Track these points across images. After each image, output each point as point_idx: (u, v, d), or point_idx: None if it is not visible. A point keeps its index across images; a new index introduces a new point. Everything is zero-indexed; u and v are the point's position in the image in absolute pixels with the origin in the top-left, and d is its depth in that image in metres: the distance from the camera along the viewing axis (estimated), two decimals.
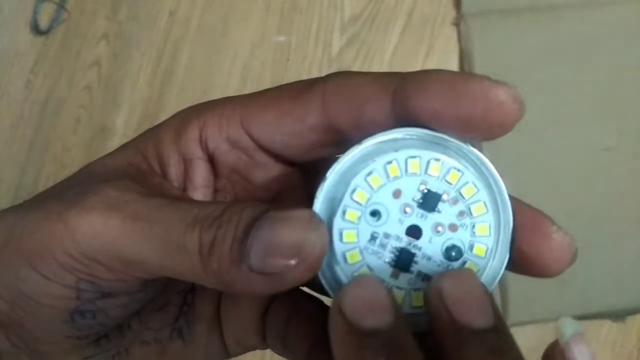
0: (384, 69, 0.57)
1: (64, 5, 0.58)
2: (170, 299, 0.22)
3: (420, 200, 0.18)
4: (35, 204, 0.19)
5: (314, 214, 0.17)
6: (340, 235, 0.18)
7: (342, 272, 0.18)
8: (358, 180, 0.18)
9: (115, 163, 0.20)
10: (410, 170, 0.18)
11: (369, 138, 0.18)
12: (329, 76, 0.19)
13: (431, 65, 0.57)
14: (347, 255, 0.18)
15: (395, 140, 0.18)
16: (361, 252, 0.18)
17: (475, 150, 0.18)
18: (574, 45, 0.56)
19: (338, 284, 0.18)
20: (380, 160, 0.18)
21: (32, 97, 0.58)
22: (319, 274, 0.18)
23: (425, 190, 0.18)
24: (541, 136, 0.54)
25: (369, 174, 0.18)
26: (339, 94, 0.18)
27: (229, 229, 0.17)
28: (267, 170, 0.21)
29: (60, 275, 0.18)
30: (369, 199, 0.18)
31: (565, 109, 0.55)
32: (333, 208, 0.18)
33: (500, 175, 0.18)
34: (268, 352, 0.22)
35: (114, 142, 0.57)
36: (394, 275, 0.18)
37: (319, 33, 0.57)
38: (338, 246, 0.18)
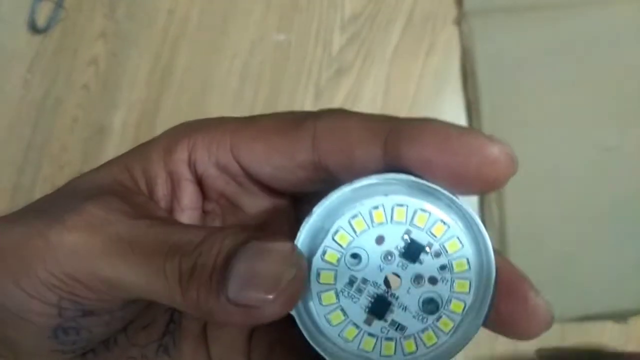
0: (385, 68, 0.56)
1: (62, 3, 0.58)
2: (157, 316, 0.22)
3: (403, 250, 0.18)
4: (20, 218, 0.19)
5: (295, 248, 0.17)
6: (318, 275, 0.18)
7: (315, 311, 0.18)
8: (342, 222, 0.18)
9: (101, 179, 0.20)
10: (395, 218, 0.18)
11: (361, 179, 0.18)
12: (320, 114, 0.19)
13: (433, 63, 0.56)
14: (323, 295, 0.18)
15: (386, 184, 0.18)
16: (337, 295, 0.18)
17: (465, 205, 0.18)
18: (577, 44, 0.55)
19: (311, 321, 0.18)
20: (367, 204, 0.18)
21: (29, 96, 0.58)
22: (293, 309, 0.17)
23: (409, 240, 0.18)
24: (542, 135, 0.54)
25: (354, 216, 0.18)
26: (329, 136, 0.18)
27: (209, 258, 0.16)
28: (256, 198, 0.21)
29: (42, 292, 0.18)
30: (350, 242, 0.18)
31: (567, 108, 0.55)
32: (315, 245, 0.18)
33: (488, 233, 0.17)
34: None
35: (112, 142, 0.56)
36: (368, 322, 0.18)
37: (319, 32, 0.57)
38: (314, 286, 0.18)
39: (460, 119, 0.56)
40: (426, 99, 0.56)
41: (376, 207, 0.18)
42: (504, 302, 0.17)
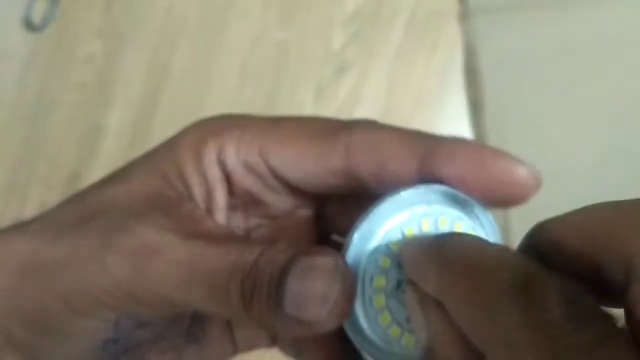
0: (387, 66, 0.56)
1: (58, 2, 0.58)
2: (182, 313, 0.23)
3: None
4: (59, 236, 0.19)
5: (339, 262, 0.18)
6: (372, 279, 0.19)
7: (363, 314, 0.19)
8: (395, 229, 0.19)
9: (140, 191, 0.21)
10: (439, 226, 0.19)
11: (409, 188, 0.19)
12: (353, 125, 0.20)
13: (436, 61, 0.56)
14: (374, 298, 0.19)
15: (427, 194, 0.19)
16: (386, 297, 0.19)
17: (490, 216, 0.20)
18: (581, 42, 0.55)
19: (355, 325, 0.19)
20: (417, 213, 0.19)
21: (24, 95, 0.57)
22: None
23: None
24: (548, 134, 0.54)
25: (406, 224, 0.19)
26: (365, 148, 0.20)
27: (265, 277, 0.18)
28: (280, 196, 0.22)
29: (97, 311, 0.19)
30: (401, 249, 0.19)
31: (570, 107, 0.55)
32: (366, 250, 0.19)
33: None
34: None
35: (108, 141, 0.56)
36: (409, 320, 0.19)
37: (320, 28, 0.57)
38: (367, 290, 0.19)
39: (463, 117, 0.56)
40: (429, 96, 0.56)
41: (424, 216, 0.19)
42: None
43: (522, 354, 0.13)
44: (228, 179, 0.21)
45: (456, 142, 0.19)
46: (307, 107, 0.56)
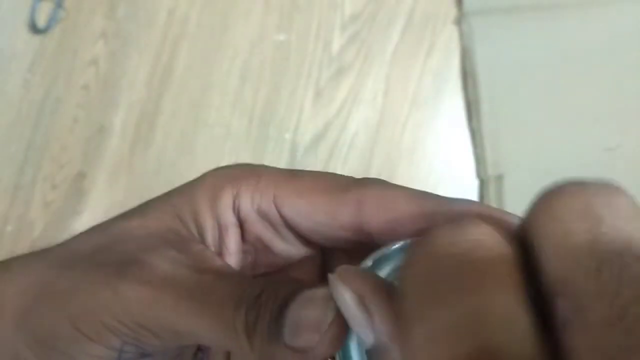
0: (385, 68, 0.56)
1: (62, 4, 0.58)
2: (186, 346, 0.23)
3: None
4: (75, 265, 0.20)
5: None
6: None
7: (357, 350, 0.19)
8: (397, 270, 0.19)
9: (154, 227, 0.21)
10: None
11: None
12: (365, 182, 0.21)
13: (432, 63, 0.56)
14: None
15: None
16: None
17: None
18: (577, 44, 0.56)
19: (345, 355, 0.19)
20: None
21: (29, 96, 0.58)
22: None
23: None
24: (543, 136, 0.54)
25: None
26: (376, 205, 0.20)
27: (267, 309, 0.18)
28: (289, 245, 0.23)
29: (104, 337, 0.19)
30: None
31: (567, 109, 0.55)
32: None
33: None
34: None
35: (112, 142, 0.56)
36: None
37: (319, 31, 0.57)
38: None
39: (460, 119, 0.56)
40: (426, 98, 0.56)
41: None
42: None
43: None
44: (241, 225, 0.22)
45: (466, 203, 0.19)
46: (307, 108, 0.56)
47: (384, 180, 0.21)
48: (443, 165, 0.55)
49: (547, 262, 0.14)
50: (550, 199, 0.14)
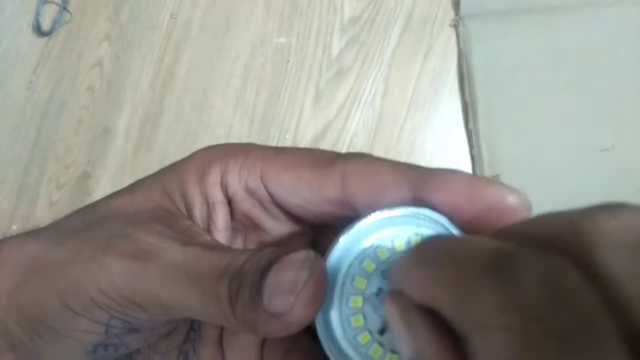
0: (384, 70, 0.57)
1: (66, 6, 0.58)
2: (178, 324, 0.23)
3: None
4: (63, 240, 0.20)
5: (310, 254, 0.18)
6: (353, 279, 0.19)
7: (338, 317, 0.19)
8: (386, 239, 0.19)
9: (142, 204, 0.21)
10: None
11: (402, 207, 0.19)
12: (349, 156, 0.21)
13: (430, 66, 0.57)
14: (352, 298, 0.19)
15: (417, 217, 0.19)
16: (363, 300, 0.19)
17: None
18: (573, 46, 0.56)
19: (329, 332, 0.19)
20: (409, 230, 0.19)
21: (34, 98, 0.58)
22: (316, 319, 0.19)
23: None
24: (539, 137, 0.54)
25: (397, 237, 0.19)
26: (360, 177, 0.20)
27: (249, 276, 0.18)
28: (278, 222, 0.22)
29: (92, 311, 0.19)
30: (388, 258, 0.19)
31: (563, 110, 0.55)
32: (353, 254, 0.19)
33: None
34: None
35: (117, 143, 0.57)
36: (381, 332, 0.19)
37: (319, 34, 0.57)
38: (348, 288, 0.19)
39: (457, 120, 0.56)
40: (424, 100, 0.56)
41: (416, 235, 0.19)
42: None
43: (498, 338, 0.12)
44: (230, 202, 0.22)
45: (448, 171, 0.19)
46: (307, 110, 0.56)
47: (369, 154, 0.21)
48: (440, 166, 0.55)
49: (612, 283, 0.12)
50: (606, 217, 0.13)
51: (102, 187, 0.56)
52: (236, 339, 0.22)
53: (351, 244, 0.19)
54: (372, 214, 0.19)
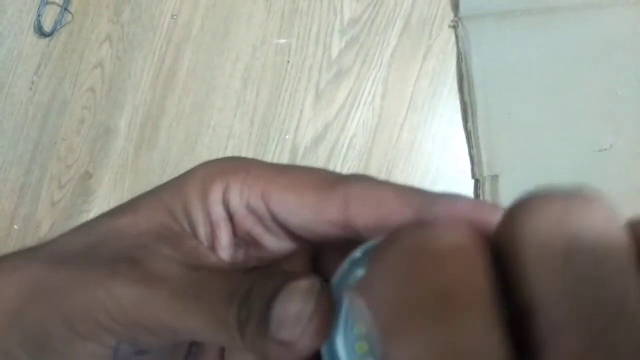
0: (383, 71, 0.57)
1: (68, 7, 0.59)
2: (180, 341, 0.23)
3: None
4: (68, 264, 0.20)
5: (315, 284, 0.18)
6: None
7: (343, 343, 0.18)
8: None
9: (147, 224, 0.21)
10: None
11: None
12: (352, 178, 0.20)
13: (429, 67, 0.57)
14: (357, 324, 0.19)
15: None
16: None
17: None
18: (571, 47, 0.56)
19: (333, 353, 0.18)
20: None
21: (36, 98, 0.58)
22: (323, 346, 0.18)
23: None
24: (537, 137, 0.55)
25: None
26: (363, 201, 0.20)
27: (256, 304, 0.18)
28: (278, 240, 0.22)
29: (99, 335, 0.19)
30: None
31: (561, 111, 0.55)
32: (356, 279, 0.19)
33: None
34: None
35: (118, 143, 0.57)
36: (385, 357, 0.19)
37: (319, 35, 0.57)
38: (351, 314, 0.19)
39: (456, 121, 0.56)
40: (423, 101, 0.57)
41: None
42: None
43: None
44: (231, 219, 0.22)
45: (452, 196, 0.19)
46: (307, 110, 0.56)
47: (372, 177, 0.21)
48: (439, 166, 0.56)
49: (523, 277, 0.13)
50: (524, 210, 0.14)
51: (104, 187, 0.56)
52: (239, 355, 0.22)
53: (355, 268, 0.19)
54: (378, 238, 0.18)
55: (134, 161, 0.57)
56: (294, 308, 0.17)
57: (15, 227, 0.56)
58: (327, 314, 0.18)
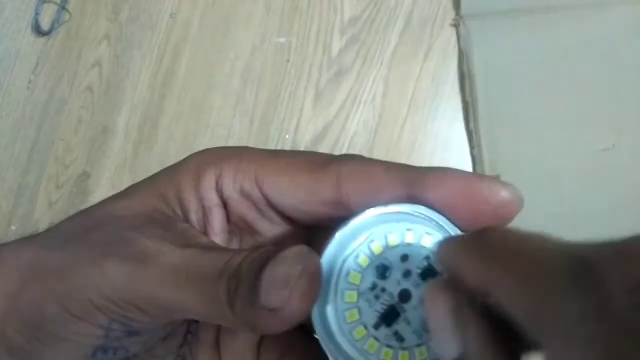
0: (384, 70, 0.57)
1: (65, 6, 0.59)
2: (176, 328, 0.23)
3: (420, 271, 0.20)
4: (63, 246, 0.20)
5: (303, 249, 0.18)
6: (347, 274, 0.20)
7: (334, 311, 0.19)
8: (379, 234, 0.20)
9: (139, 208, 0.21)
10: (422, 243, 0.20)
11: (396, 204, 0.19)
12: (343, 158, 0.21)
13: (430, 65, 0.57)
14: (347, 293, 0.20)
15: (413, 214, 0.19)
16: (358, 295, 0.20)
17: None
18: (573, 46, 0.56)
19: (325, 327, 0.19)
20: (403, 226, 0.20)
21: (33, 97, 0.58)
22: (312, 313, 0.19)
23: (427, 265, 0.20)
24: (540, 137, 0.55)
25: (390, 232, 0.20)
26: (354, 178, 0.20)
27: (246, 275, 0.18)
28: (273, 224, 0.23)
29: (92, 315, 0.19)
30: (381, 253, 0.20)
31: (563, 110, 0.55)
32: (347, 249, 0.20)
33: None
34: None
35: (116, 142, 0.57)
36: (376, 326, 0.20)
37: (319, 34, 0.57)
38: (342, 283, 0.20)
39: (458, 120, 0.56)
40: (424, 100, 0.56)
41: (409, 230, 0.20)
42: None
43: (581, 348, 0.12)
44: (225, 205, 0.22)
45: (442, 169, 0.20)
46: (307, 110, 0.56)
47: (361, 155, 0.21)
48: (441, 166, 0.56)
49: None
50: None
51: (102, 187, 0.56)
52: (233, 341, 0.23)
53: (346, 239, 0.20)
54: (367, 211, 0.19)
55: (132, 161, 0.57)
56: (282, 271, 0.18)
57: (13, 227, 0.56)
58: (315, 274, 0.18)
